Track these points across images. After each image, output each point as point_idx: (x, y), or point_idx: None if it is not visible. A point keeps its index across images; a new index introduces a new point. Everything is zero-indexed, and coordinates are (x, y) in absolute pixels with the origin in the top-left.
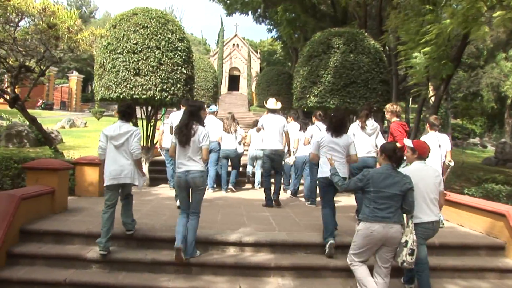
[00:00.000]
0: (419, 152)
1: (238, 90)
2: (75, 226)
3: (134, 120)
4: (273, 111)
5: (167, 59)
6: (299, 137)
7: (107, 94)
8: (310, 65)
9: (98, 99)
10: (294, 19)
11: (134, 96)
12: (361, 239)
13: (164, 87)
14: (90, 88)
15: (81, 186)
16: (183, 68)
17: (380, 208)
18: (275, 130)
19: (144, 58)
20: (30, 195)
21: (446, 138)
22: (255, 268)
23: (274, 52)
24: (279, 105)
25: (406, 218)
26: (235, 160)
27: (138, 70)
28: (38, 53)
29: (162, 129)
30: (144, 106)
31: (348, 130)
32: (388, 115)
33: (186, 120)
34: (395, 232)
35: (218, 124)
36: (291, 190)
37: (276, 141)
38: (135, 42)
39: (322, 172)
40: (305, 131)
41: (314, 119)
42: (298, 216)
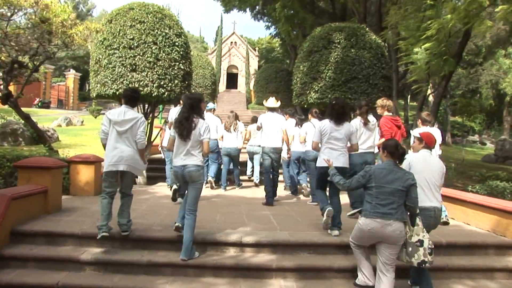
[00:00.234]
0: (426, 142)
1: (236, 88)
2: (69, 227)
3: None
4: (272, 110)
5: (164, 54)
6: (294, 133)
7: (103, 91)
8: (311, 60)
9: (94, 96)
10: (292, 15)
11: None
12: (359, 232)
13: (162, 83)
14: (87, 86)
15: (76, 185)
16: (181, 64)
17: (382, 204)
18: (274, 128)
19: (141, 54)
20: (21, 194)
21: (438, 132)
22: (256, 270)
23: (272, 50)
24: (278, 103)
25: (409, 217)
26: (237, 158)
27: (134, 66)
28: (31, 48)
29: (164, 127)
30: (141, 103)
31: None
32: (379, 110)
33: (186, 113)
34: (393, 231)
35: (216, 122)
36: (288, 187)
37: (275, 139)
38: (131, 37)
39: (320, 161)
40: (300, 126)
41: (310, 116)
42: (300, 215)
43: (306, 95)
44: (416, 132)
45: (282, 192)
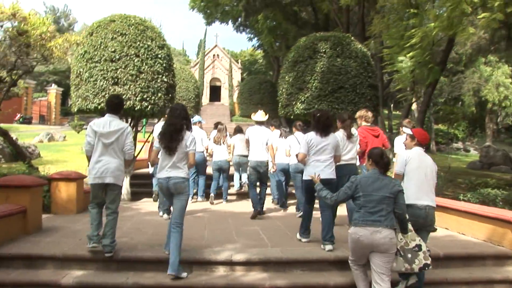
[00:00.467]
0: (418, 139)
1: (220, 100)
2: (49, 249)
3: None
4: (260, 123)
5: (147, 67)
6: (278, 144)
7: (85, 105)
8: (296, 70)
9: (75, 110)
10: (275, 27)
11: None
12: (350, 243)
13: (144, 96)
14: (69, 101)
15: (57, 203)
16: (164, 77)
17: (371, 212)
18: (260, 142)
19: (123, 67)
20: None
21: None
22: None
23: (255, 62)
24: (266, 117)
25: (399, 224)
26: (227, 171)
27: (116, 79)
28: (8, 62)
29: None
30: (124, 117)
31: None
32: (358, 121)
33: (177, 125)
34: (383, 238)
35: (202, 135)
36: (276, 200)
37: (261, 152)
38: (113, 50)
39: (308, 173)
40: (285, 138)
41: (294, 129)
42: (290, 229)
43: (292, 106)
44: (399, 140)
45: (270, 205)
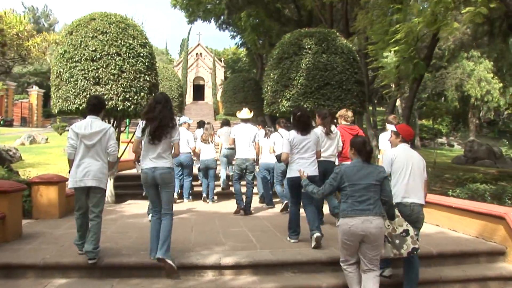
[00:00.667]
0: (403, 135)
1: (203, 99)
2: (29, 257)
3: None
4: (245, 121)
5: (128, 66)
6: (263, 143)
7: (66, 106)
8: (281, 67)
9: (56, 111)
10: (258, 24)
11: None
12: (342, 236)
13: (127, 96)
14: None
15: (38, 208)
16: (147, 76)
17: (359, 201)
18: (246, 140)
19: (104, 66)
20: None
21: None
22: None
23: (238, 60)
24: (251, 114)
25: (386, 210)
26: (214, 170)
27: (98, 79)
28: None
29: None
30: (106, 118)
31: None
32: (339, 119)
33: (163, 115)
34: (375, 227)
35: (188, 136)
36: (262, 198)
37: (246, 150)
38: (93, 49)
39: (291, 171)
40: (268, 137)
41: (278, 127)
42: (279, 230)
43: (278, 104)
44: (383, 136)
45: (257, 204)
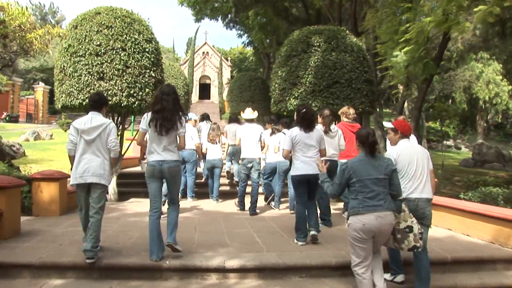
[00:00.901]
0: (401, 131)
1: (209, 98)
2: (25, 255)
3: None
4: (250, 121)
5: (134, 61)
6: (269, 142)
7: (69, 101)
8: (289, 65)
9: (59, 107)
10: (265, 23)
11: None
12: (354, 234)
13: (131, 92)
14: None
15: (39, 204)
16: (152, 71)
17: (369, 197)
18: (252, 139)
19: (109, 61)
20: None
21: (413, 138)
22: None
23: (245, 59)
24: (255, 114)
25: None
26: (220, 170)
27: (102, 74)
28: None
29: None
30: (110, 114)
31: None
32: (341, 117)
33: (170, 106)
34: (389, 224)
35: (192, 132)
36: (265, 195)
37: (252, 150)
38: (98, 43)
39: (295, 169)
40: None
41: (281, 127)
42: (286, 231)
43: (286, 102)
44: (388, 123)
45: (263, 204)
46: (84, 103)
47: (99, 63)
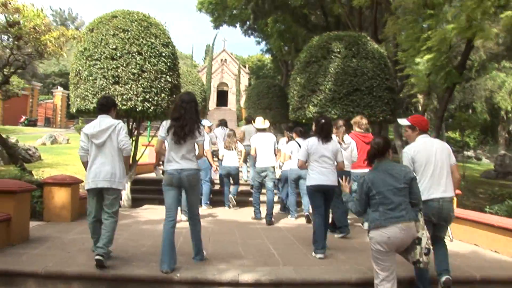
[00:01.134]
0: (419, 127)
1: (227, 105)
2: (31, 263)
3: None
4: (262, 130)
5: (150, 65)
6: (285, 150)
7: (83, 105)
8: (308, 72)
9: (74, 111)
10: (284, 30)
11: None
12: (377, 247)
13: (147, 96)
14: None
15: (50, 209)
16: (168, 76)
17: (391, 208)
18: (266, 148)
19: (124, 65)
20: None
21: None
22: None
23: (263, 67)
24: (267, 123)
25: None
26: (236, 177)
27: (117, 78)
28: (0, 58)
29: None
30: (125, 119)
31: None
32: (353, 126)
33: (190, 115)
34: (413, 235)
35: (207, 139)
36: (282, 202)
37: (267, 158)
38: (114, 47)
39: (310, 179)
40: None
41: (295, 135)
42: (303, 243)
43: (304, 109)
44: (403, 120)
45: (280, 215)
46: None
47: (115, 67)
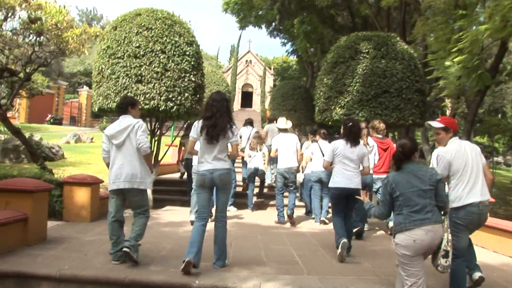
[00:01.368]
0: (454, 129)
1: (251, 106)
2: (46, 265)
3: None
4: (284, 130)
5: (173, 64)
6: (307, 153)
7: (106, 104)
8: (336, 72)
9: (96, 109)
10: (310, 31)
11: None
12: (403, 251)
13: (170, 96)
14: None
15: (70, 209)
16: (192, 76)
17: (415, 210)
18: (288, 149)
19: (147, 63)
20: None
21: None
22: None
23: (288, 68)
24: (289, 124)
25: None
26: (262, 177)
27: (140, 77)
28: (23, 54)
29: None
30: (148, 118)
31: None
32: (371, 131)
33: (221, 113)
34: (439, 238)
35: None
36: (306, 206)
37: (289, 159)
38: (137, 45)
39: (334, 182)
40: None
41: (318, 137)
42: (327, 250)
43: (331, 111)
44: (435, 123)
45: (304, 218)
46: None
47: (138, 65)
